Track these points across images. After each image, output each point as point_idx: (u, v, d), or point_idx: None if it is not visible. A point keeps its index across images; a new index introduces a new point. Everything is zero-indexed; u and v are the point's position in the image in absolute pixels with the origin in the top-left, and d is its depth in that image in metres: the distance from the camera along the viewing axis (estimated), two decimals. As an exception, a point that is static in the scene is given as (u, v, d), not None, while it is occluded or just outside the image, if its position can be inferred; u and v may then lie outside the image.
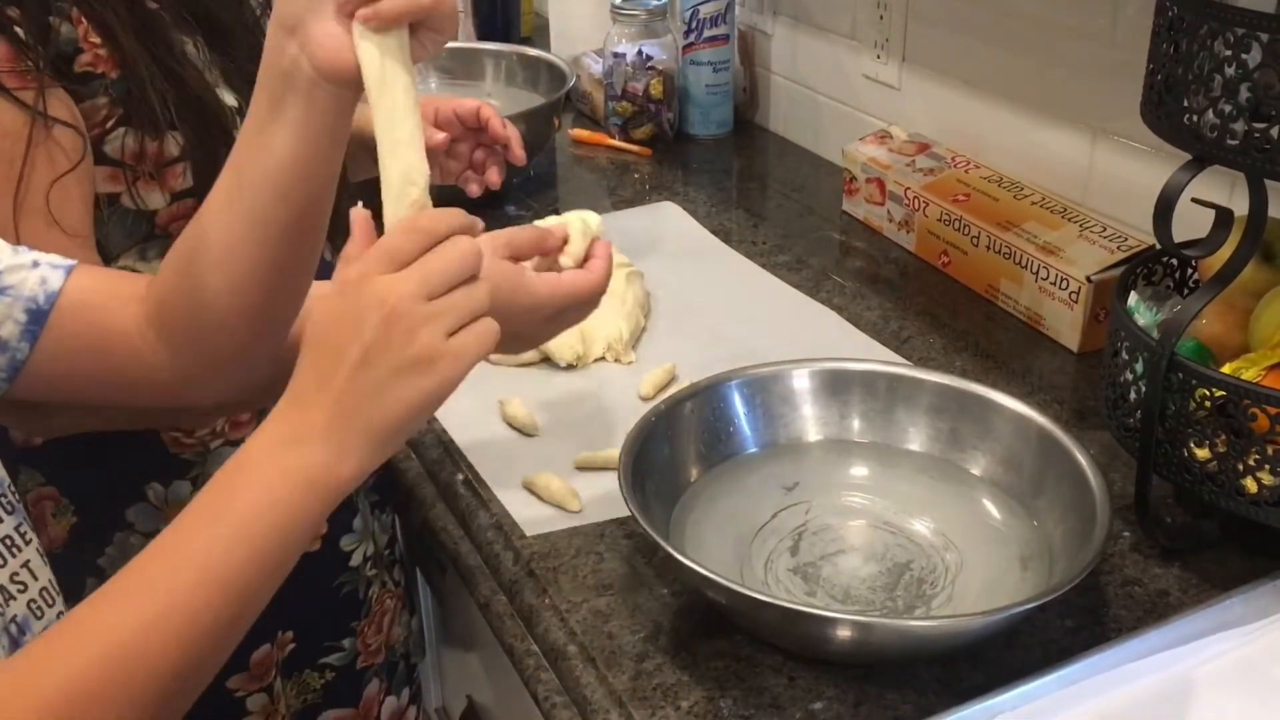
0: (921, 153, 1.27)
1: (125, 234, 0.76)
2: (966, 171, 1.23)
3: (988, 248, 1.13)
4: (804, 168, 1.49)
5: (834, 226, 1.32)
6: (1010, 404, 0.81)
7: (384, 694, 0.99)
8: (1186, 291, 0.89)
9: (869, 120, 1.41)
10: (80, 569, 0.82)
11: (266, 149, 0.60)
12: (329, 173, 0.61)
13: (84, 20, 0.70)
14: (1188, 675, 0.70)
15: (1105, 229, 1.08)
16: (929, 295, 1.17)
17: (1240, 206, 0.73)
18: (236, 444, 0.83)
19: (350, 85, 0.58)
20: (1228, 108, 0.68)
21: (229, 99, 0.79)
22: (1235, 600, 0.73)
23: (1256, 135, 0.67)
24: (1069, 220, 1.11)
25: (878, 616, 0.73)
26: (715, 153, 1.55)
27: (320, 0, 0.57)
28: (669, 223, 1.33)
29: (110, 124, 0.71)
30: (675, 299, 1.16)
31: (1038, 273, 1.08)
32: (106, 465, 0.81)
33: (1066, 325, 1.06)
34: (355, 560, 0.95)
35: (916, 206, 1.22)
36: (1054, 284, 1.06)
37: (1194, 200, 0.73)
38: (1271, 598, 0.74)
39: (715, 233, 1.30)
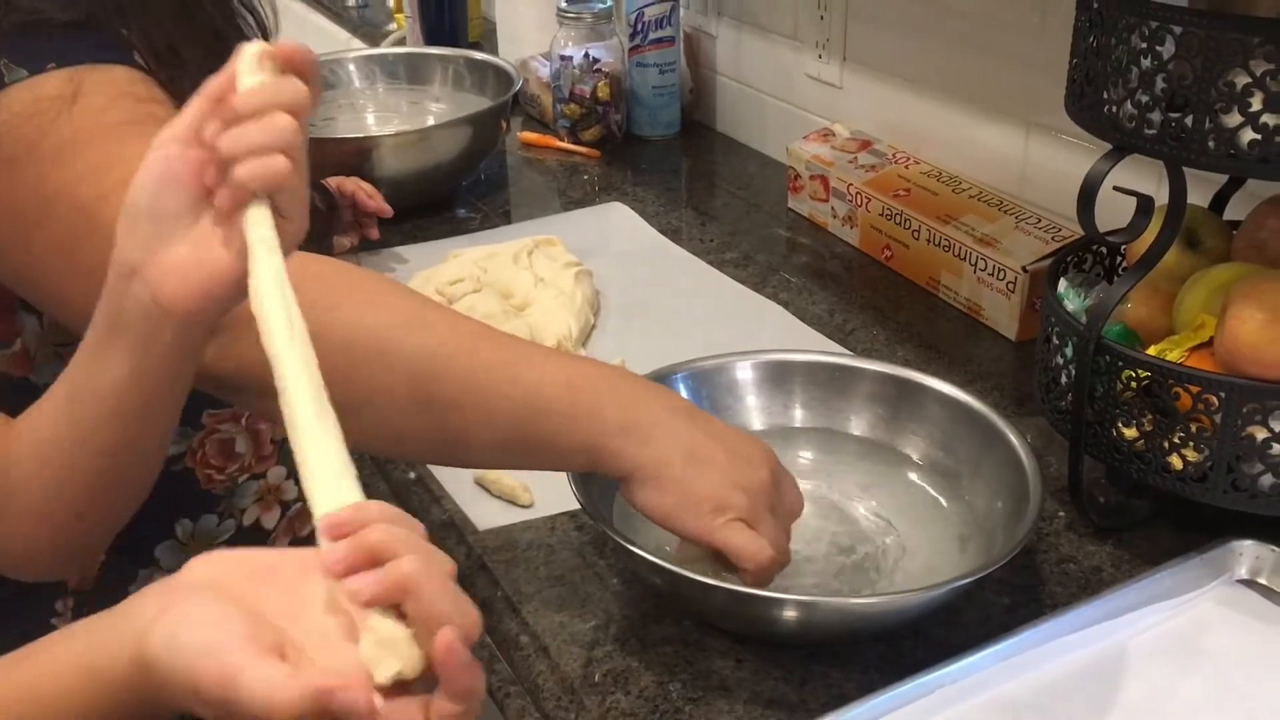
0: (863, 149, 1.30)
1: None
2: (907, 167, 1.25)
3: (928, 241, 1.16)
4: (750, 167, 1.51)
5: (780, 223, 1.35)
6: (946, 389, 0.83)
7: None
8: (1115, 278, 0.91)
9: (812, 119, 1.43)
10: (107, 607, 0.81)
11: (100, 372, 0.56)
12: (169, 404, 0.58)
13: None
14: (1121, 646, 0.73)
15: (1040, 220, 1.11)
16: (872, 289, 1.20)
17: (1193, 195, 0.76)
18: (261, 476, 0.85)
19: (203, 322, 0.54)
20: (1145, 98, 0.71)
21: None
22: (1165, 573, 0.76)
23: (1172, 124, 0.70)
24: (1006, 213, 1.14)
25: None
26: (663, 153, 1.56)
27: (170, 224, 0.52)
28: (618, 223, 1.34)
29: None
30: (624, 297, 1.17)
31: (976, 264, 1.11)
32: (142, 502, 0.81)
33: (1005, 315, 1.09)
34: None
35: (859, 202, 1.24)
36: (992, 275, 1.09)
37: (1115, 188, 0.75)
38: (1200, 570, 0.77)
39: (664, 232, 1.32)
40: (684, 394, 0.86)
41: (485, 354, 0.66)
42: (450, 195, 1.41)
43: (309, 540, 0.84)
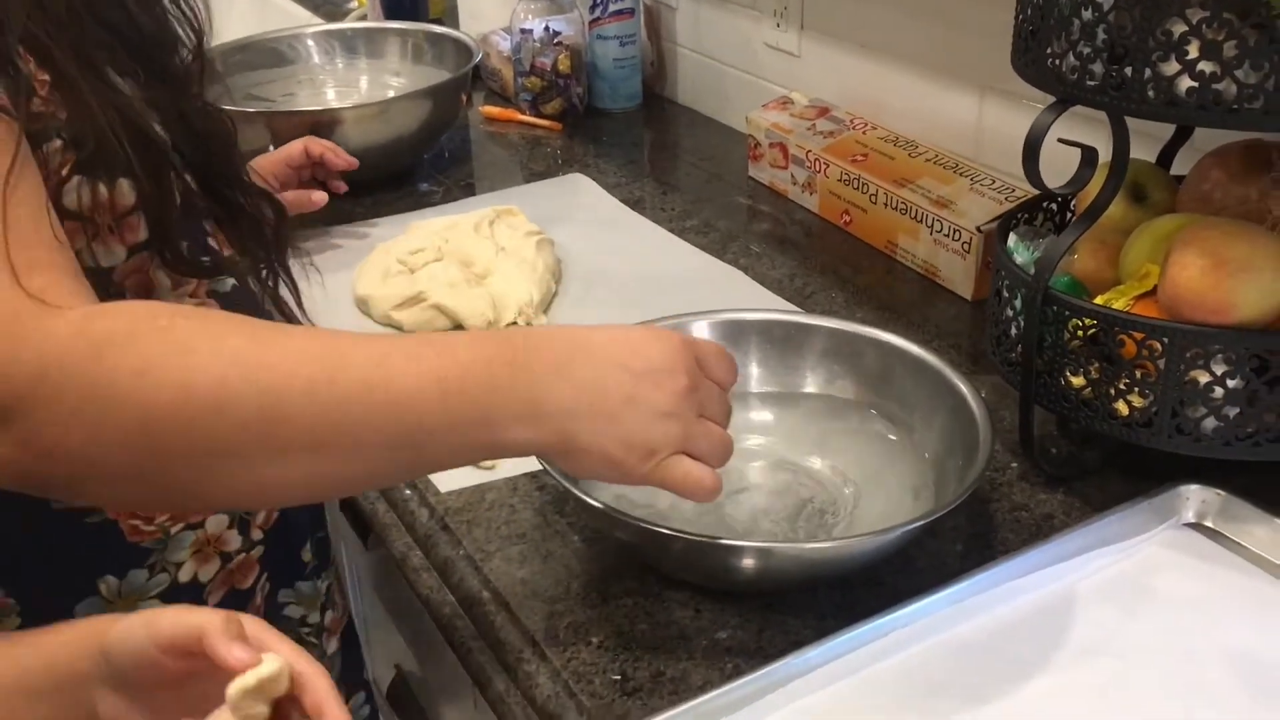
0: (821, 116, 1.31)
1: None
2: (864, 133, 1.26)
3: (885, 204, 1.17)
4: (712, 137, 1.52)
5: (741, 192, 1.36)
6: (899, 343, 0.84)
7: None
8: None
9: (772, 88, 1.44)
10: None
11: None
12: None
13: (30, 56, 0.62)
14: (1070, 589, 0.74)
15: (995, 182, 1.13)
16: (832, 253, 1.21)
17: (1140, 151, 0.77)
18: (198, 526, 0.77)
19: None
20: (1086, 49, 0.72)
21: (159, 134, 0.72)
22: (1113, 518, 0.77)
23: (1113, 75, 0.71)
24: (961, 175, 1.15)
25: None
26: (625, 126, 1.57)
27: (133, 688, 0.51)
28: (580, 193, 1.35)
29: (66, 171, 0.64)
30: (586, 265, 1.18)
31: (932, 226, 1.12)
32: (58, 559, 0.74)
33: (960, 275, 1.10)
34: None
35: (818, 168, 1.26)
36: (947, 236, 1.10)
37: (1060, 140, 0.77)
38: (1147, 515, 0.78)
39: (625, 202, 1.32)
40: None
41: (341, 383, 0.57)
42: (412, 169, 1.41)
43: (248, 594, 0.80)
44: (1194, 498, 0.79)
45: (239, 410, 0.56)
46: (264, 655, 0.48)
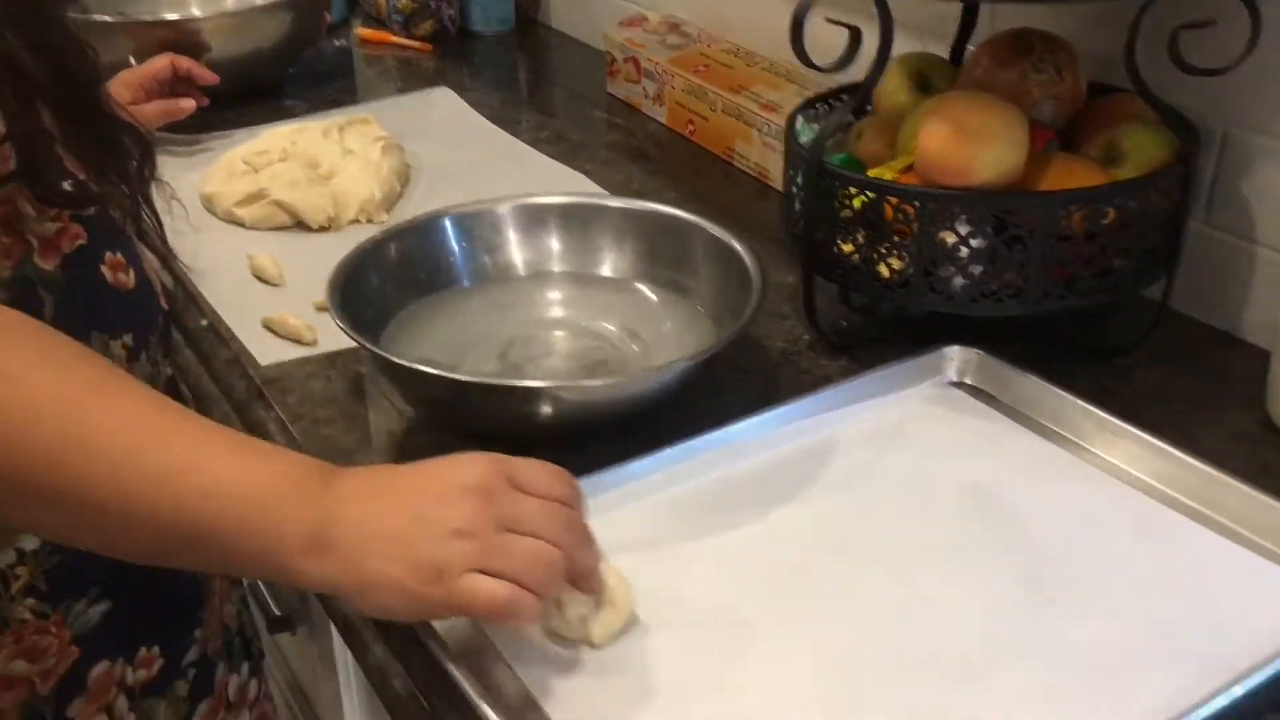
0: (672, 32, 1.36)
1: None
2: (710, 46, 1.31)
3: (723, 111, 1.22)
4: (579, 59, 1.56)
5: (599, 108, 1.40)
6: (685, 216, 0.90)
7: (228, 674, 0.85)
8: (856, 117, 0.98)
9: (637, 10, 1.48)
10: None
11: None
12: None
13: None
14: (832, 436, 0.80)
15: (822, 87, 1.18)
16: (676, 161, 1.26)
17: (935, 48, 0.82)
18: None
19: None
20: (843, -69, 0.77)
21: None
22: (880, 374, 0.83)
23: (867, -46, 0.77)
24: (791, 81, 1.20)
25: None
26: (497, 48, 1.61)
27: None
28: (440, 108, 1.39)
29: None
30: (435, 170, 1.22)
31: (762, 130, 1.17)
32: None
33: (786, 175, 1.16)
34: None
35: (665, 79, 1.30)
36: (775, 138, 1.16)
37: (828, 20, 0.82)
38: (912, 372, 0.84)
39: (488, 118, 1.36)
40: (449, 235, 0.92)
41: (146, 459, 0.54)
42: (280, 86, 1.44)
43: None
44: (956, 358, 0.85)
45: (21, 455, 0.52)
46: None
